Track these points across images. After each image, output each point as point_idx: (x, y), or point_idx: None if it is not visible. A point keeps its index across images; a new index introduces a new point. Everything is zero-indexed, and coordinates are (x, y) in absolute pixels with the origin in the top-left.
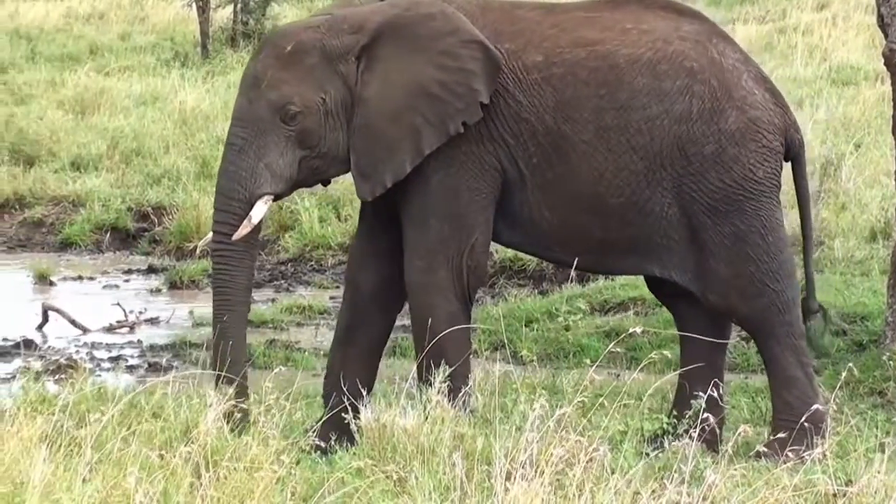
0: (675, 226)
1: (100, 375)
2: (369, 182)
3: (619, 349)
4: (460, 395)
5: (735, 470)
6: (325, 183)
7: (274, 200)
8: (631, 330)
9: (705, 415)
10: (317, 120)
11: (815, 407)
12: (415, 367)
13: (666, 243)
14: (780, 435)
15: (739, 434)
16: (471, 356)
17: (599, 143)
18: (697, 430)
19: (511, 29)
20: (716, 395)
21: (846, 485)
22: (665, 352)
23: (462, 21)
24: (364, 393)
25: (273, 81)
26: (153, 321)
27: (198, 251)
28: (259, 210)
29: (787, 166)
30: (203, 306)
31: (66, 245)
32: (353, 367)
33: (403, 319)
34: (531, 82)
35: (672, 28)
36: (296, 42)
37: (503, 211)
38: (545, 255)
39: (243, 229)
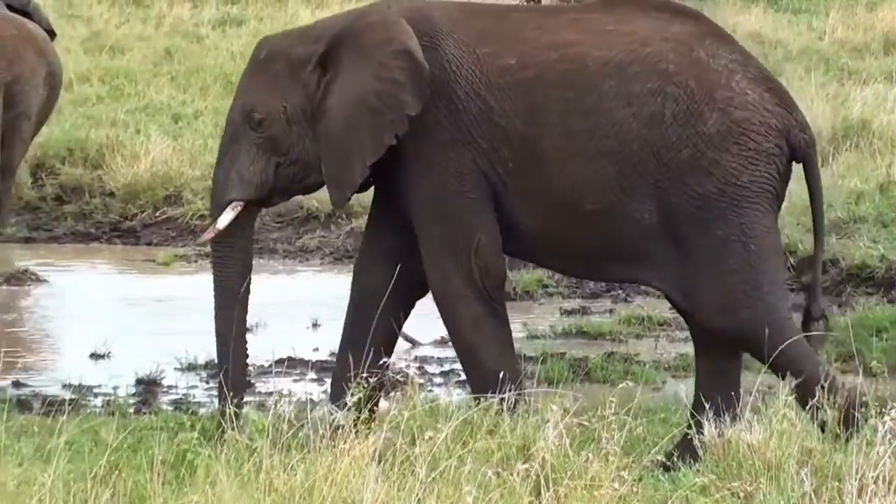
0: (660, 234)
1: (432, 391)
2: (336, 191)
3: None
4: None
5: None
6: (310, 190)
7: (264, 206)
8: None
9: None
10: (281, 127)
11: None
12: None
13: (653, 251)
14: None
15: None
16: (514, 353)
17: (568, 148)
18: None
19: (494, 31)
20: None
21: None
22: None
23: (398, 31)
24: None
25: (242, 88)
26: None
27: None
28: (225, 216)
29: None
30: (537, 318)
31: None
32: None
33: None
34: (501, 86)
35: (657, 29)
36: (268, 50)
37: (498, 218)
38: (537, 262)
39: (207, 234)
